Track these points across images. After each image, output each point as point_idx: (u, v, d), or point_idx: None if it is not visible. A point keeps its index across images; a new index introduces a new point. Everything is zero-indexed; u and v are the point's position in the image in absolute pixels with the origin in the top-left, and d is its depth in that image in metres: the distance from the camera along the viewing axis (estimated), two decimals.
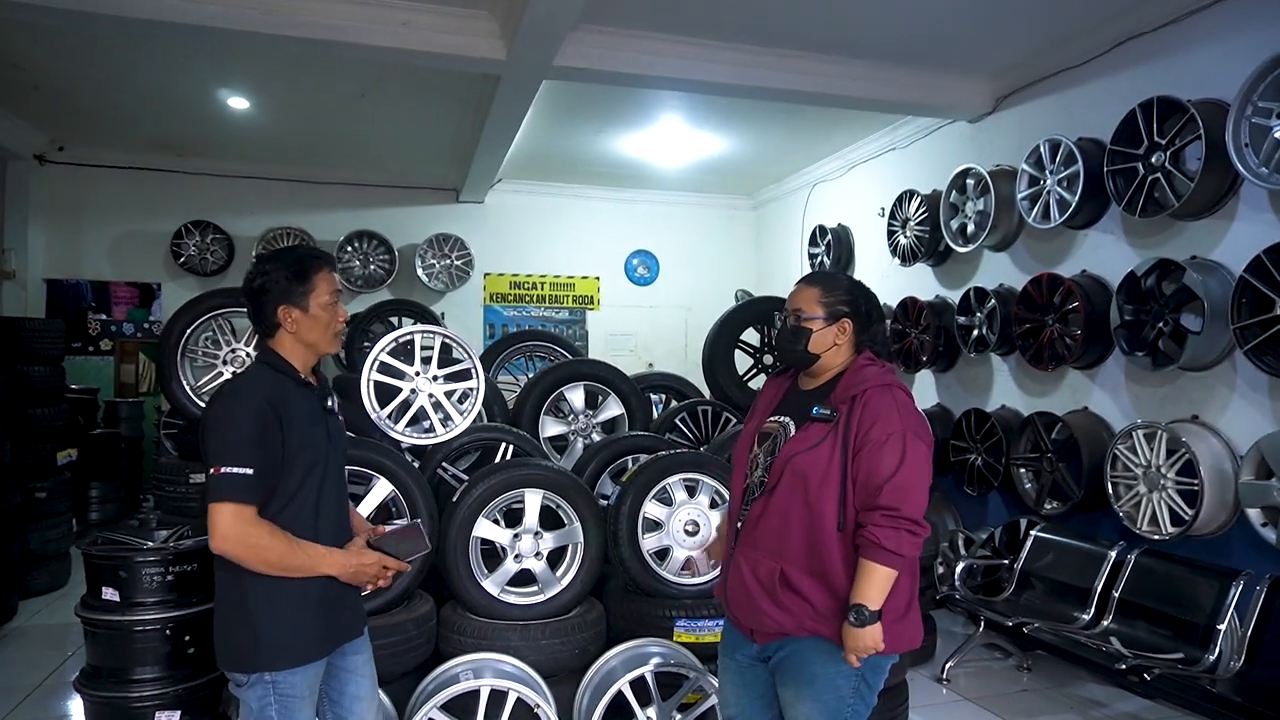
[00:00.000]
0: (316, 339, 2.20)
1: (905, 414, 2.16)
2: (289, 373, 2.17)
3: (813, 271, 2.50)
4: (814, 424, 2.22)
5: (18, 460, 5.55)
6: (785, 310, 2.39)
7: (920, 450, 2.13)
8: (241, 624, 2.09)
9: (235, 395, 2.08)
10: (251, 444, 2.00)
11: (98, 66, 5.80)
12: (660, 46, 5.08)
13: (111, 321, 7.99)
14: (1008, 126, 5.76)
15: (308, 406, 2.17)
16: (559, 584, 3.49)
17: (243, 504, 1.99)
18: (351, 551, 2.19)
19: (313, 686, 2.17)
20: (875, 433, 2.11)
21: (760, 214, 9.61)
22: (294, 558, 2.06)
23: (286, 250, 2.24)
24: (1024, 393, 5.50)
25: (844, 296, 2.33)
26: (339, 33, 4.57)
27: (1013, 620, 4.08)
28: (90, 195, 7.77)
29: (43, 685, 4.24)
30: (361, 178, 8.35)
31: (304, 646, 2.12)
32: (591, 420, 4.90)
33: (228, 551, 2.00)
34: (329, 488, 2.20)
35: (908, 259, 6.41)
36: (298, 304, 2.15)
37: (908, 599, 2.21)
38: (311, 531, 2.13)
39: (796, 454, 2.19)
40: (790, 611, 2.17)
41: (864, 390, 2.18)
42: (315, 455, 2.14)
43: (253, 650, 2.08)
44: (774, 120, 6.88)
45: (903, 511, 2.07)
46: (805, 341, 2.29)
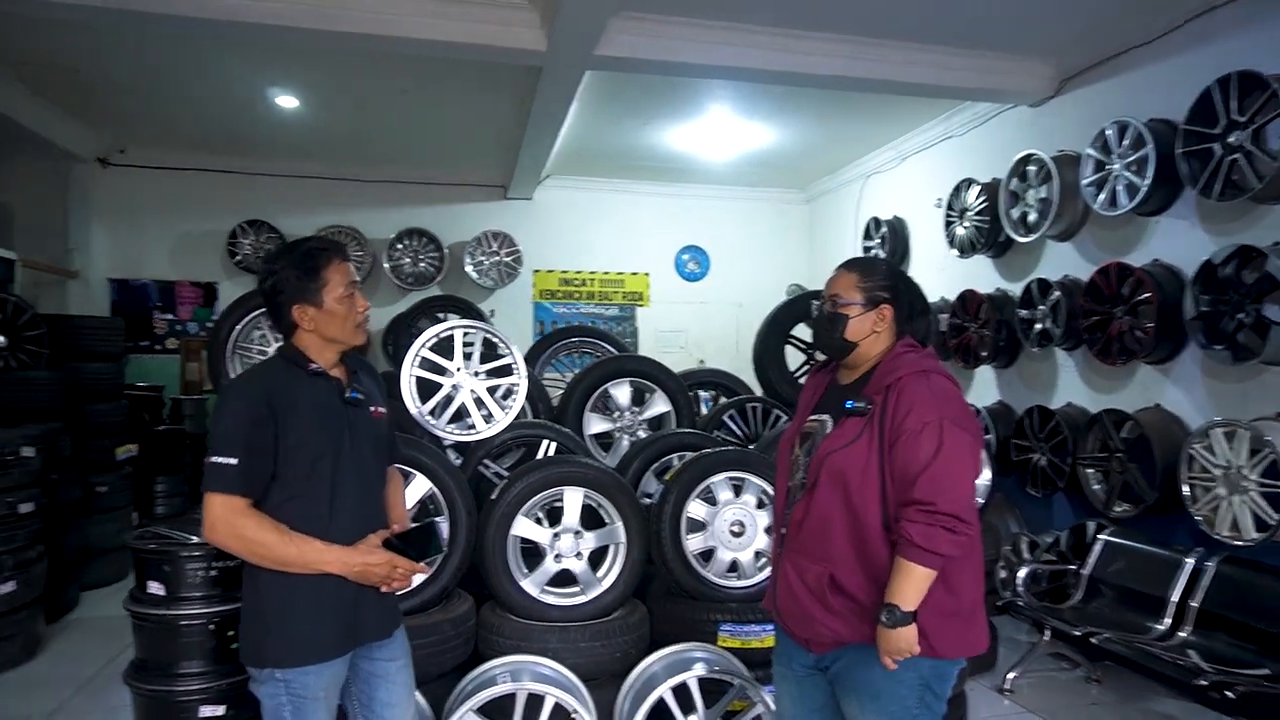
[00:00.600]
0: (336, 333, 2.14)
1: (943, 401, 2.03)
2: (300, 364, 2.12)
3: (852, 257, 2.34)
4: (849, 418, 2.10)
5: (78, 455, 5.68)
6: (822, 297, 2.27)
7: (960, 440, 1.98)
8: (254, 618, 2.07)
9: (231, 388, 2.08)
10: (239, 435, 1.98)
11: (152, 69, 5.90)
12: (705, 33, 4.95)
13: (177, 321, 8.16)
14: (1071, 110, 5.48)
15: (320, 399, 2.11)
16: (600, 585, 3.41)
17: (229, 494, 1.96)
18: (358, 549, 2.10)
19: (328, 687, 2.11)
20: (910, 422, 1.99)
21: (813, 207, 9.40)
22: (284, 551, 2.00)
23: (293, 245, 2.18)
24: (1091, 389, 5.23)
25: (883, 282, 2.21)
26: (379, 25, 4.54)
27: (1080, 629, 3.86)
28: (150, 196, 7.93)
29: (99, 675, 4.30)
30: (411, 175, 8.37)
31: (315, 645, 2.06)
32: (637, 417, 4.80)
33: (217, 541, 1.99)
34: (347, 481, 2.12)
35: (966, 250, 6.17)
36: (311, 301, 2.10)
37: (970, 599, 2.08)
38: (325, 526, 2.07)
39: (832, 452, 2.08)
40: (844, 617, 2.06)
41: (899, 378, 2.06)
42: (322, 448, 2.08)
43: (263, 645, 2.05)
44: (826, 109, 6.69)
45: (939, 506, 1.93)
46: (842, 328, 2.18)
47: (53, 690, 4.14)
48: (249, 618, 2.09)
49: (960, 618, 2.06)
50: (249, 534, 1.97)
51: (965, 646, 2.08)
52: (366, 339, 2.24)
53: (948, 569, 2.00)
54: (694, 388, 5.61)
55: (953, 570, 2.01)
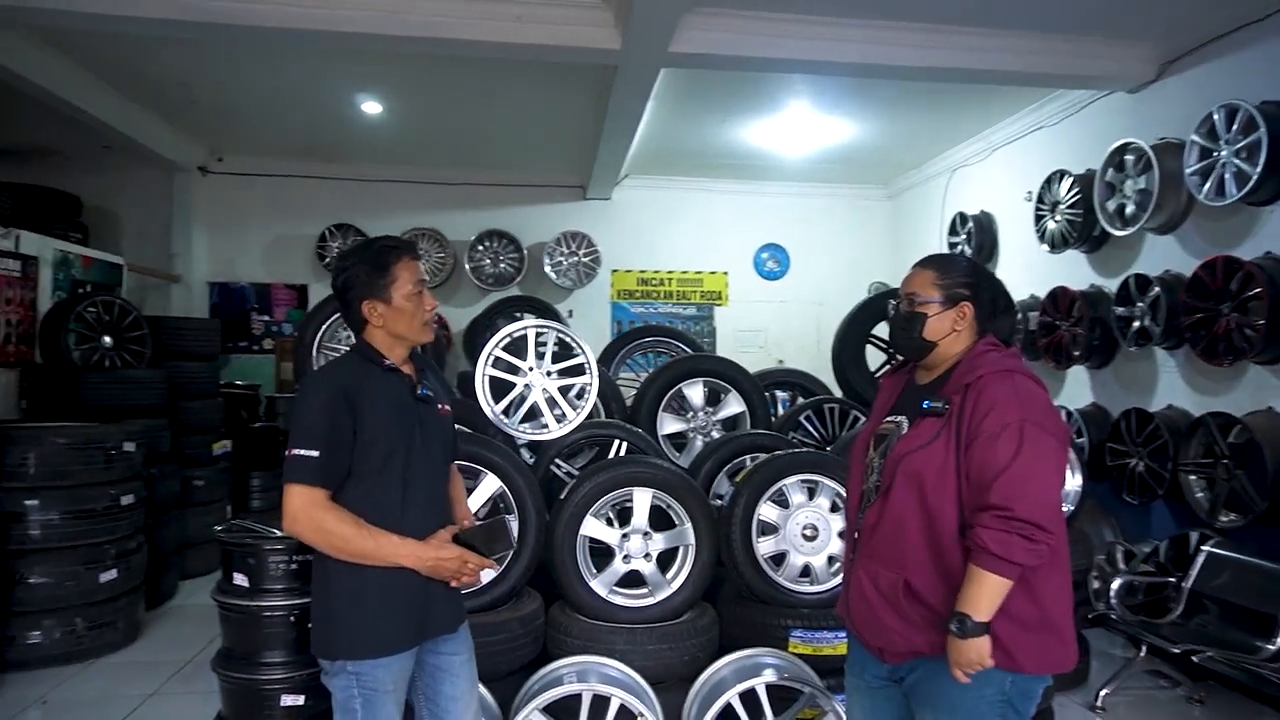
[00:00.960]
0: (404, 329, 2.16)
1: (1026, 402, 1.91)
2: (375, 360, 2.16)
3: (931, 255, 2.24)
4: (925, 419, 2.01)
5: (176, 450, 5.96)
6: (899, 296, 2.18)
7: (1044, 443, 1.88)
8: (326, 611, 2.10)
9: (311, 382, 2.11)
10: (319, 428, 2.00)
11: (247, 81, 6.16)
12: (781, 27, 4.86)
13: (273, 322, 8.49)
14: (1174, 95, 5.17)
15: (393, 394, 2.15)
16: (669, 587, 3.37)
17: (310, 486, 1.99)
18: (431, 544, 2.12)
19: (398, 681, 2.13)
20: (989, 423, 1.88)
21: (896, 203, 9.15)
22: (361, 543, 2.01)
23: (365, 243, 2.20)
24: (1194, 391, 4.92)
25: (963, 279, 2.10)
26: (455, 30, 4.62)
27: (1180, 646, 3.63)
28: (245, 202, 8.29)
29: (193, 661, 4.48)
30: (491, 177, 8.51)
31: (386, 638, 2.08)
32: (711, 418, 4.75)
33: (296, 532, 2.02)
34: (417, 476, 2.15)
35: (1058, 245, 5.89)
36: (380, 297, 2.13)
37: (1057, 612, 1.96)
38: (397, 520, 2.09)
39: (908, 453, 1.99)
40: (919, 626, 1.97)
41: (979, 377, 1.96)
42: (395, 443, 2.10)
43: (334, 638, 2.08)
44: (909, 102, 6.49)
45: (1016, 512, 1.82)
46: (920, 328, 2.08)
47: (151, 674, 4.34)
48: (320, 611, 2.13)
49: (1045, 631, 1.94)
50: (329, 526, 2.00)
51: (1051, 662, 1.96)
52: (433, 337, 2.26)
53: (1031, 578, 1.89)
54: (771, 388, 5.52)
55: (1037, 580, 1.91)
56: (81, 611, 4.46)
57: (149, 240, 7.98)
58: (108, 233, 7.86)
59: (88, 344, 5.48)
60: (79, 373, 5.33)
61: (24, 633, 4.32)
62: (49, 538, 4.37)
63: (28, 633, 4.33)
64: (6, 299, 5.35)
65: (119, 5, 4.42)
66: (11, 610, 4.29)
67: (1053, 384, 6.20)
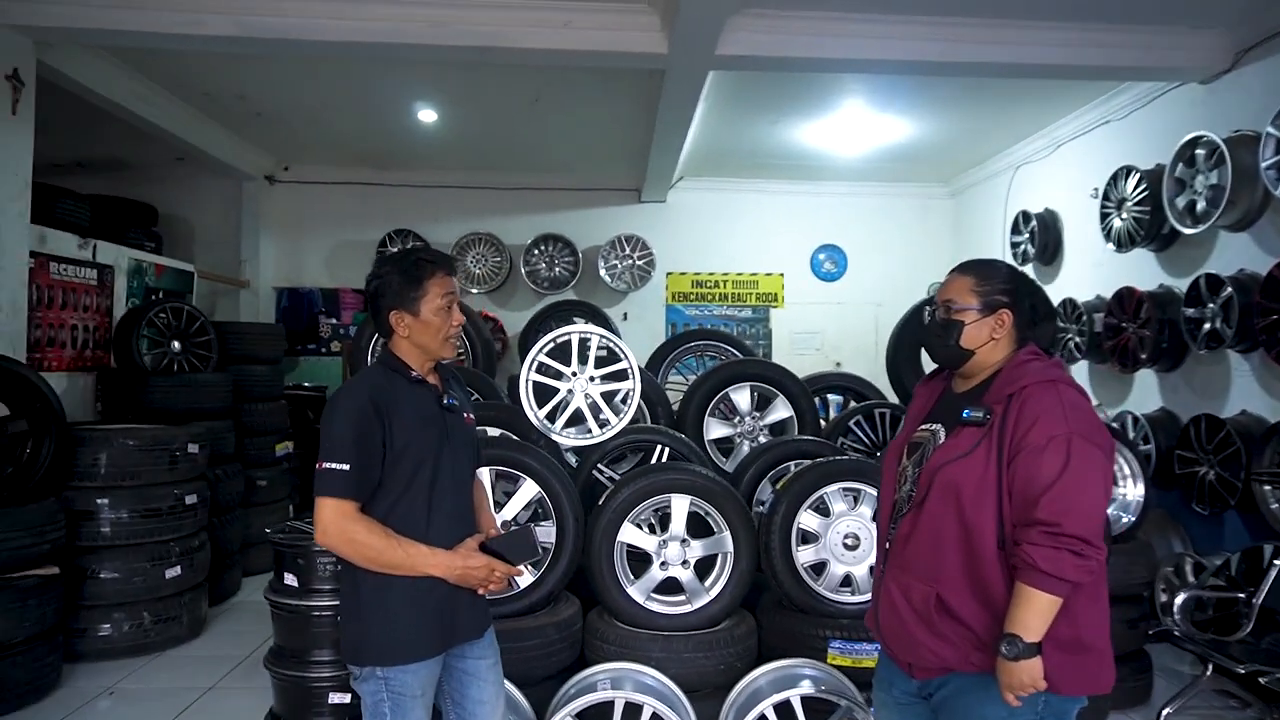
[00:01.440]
0: (428, 343, 2.19)
1: (1073, 414, 1.86)
2: (402, 371, 2.19)
3: (969, 260, 2.18)
4: (965, 428, 1.95)
5: (240, 451, 6.17)
6: (935, 303, 2.12)
7: (1092, 456, 1.82)
8: (355, 618, 2.13)
9: (341, 394, 2.12)
10: (349, 441, 2.03)
11: (308, 91, 6.34)
12: (830, 26, 4.78)
13: (340, 325, 8.71)
14: (1249, 85, 4.92)
15: (421, 405, 2.18)
16: (707, 595, 3.35)
17: (342, 499, 2.02)
18: (459, 553, 2.14)
19: (426, 686, 2.16)
20: (1034, 436, 1.83)
21: (958, 202, 8.92)
22: (392, 555, 2.04)
23: (403, 253, 2.23)
24: (1270, 396, 4.67)
25: (1002, 285, 2.04)
26: (503, 39, 4.67)
27: (1246, 667, 3.45)
28: (310, 210, 8.54)
29: (252, 656, 4.63)
30: (547, 182, 8.58)
31: (415, 644, 2.12)
32: (758, 422, 4.71)
33: (329, 545, 2.05)
34: (443, 486, 2.18)
35: (1124, 244, 5.66)
36: (409, 309, 2.15)
37: (1094, 631, 1.91)
38: (423, 530, 2.12)
39: (946, 463, 1.93)
40: (951, 641, 1.92)
41: (1023, 387, 1.90)
42: (423, 454, 2.13)
43: (364, 644, 2.11)
44: (968, 99, 6.32)
45: (1065, 528, 1.77)
46: (957, 336, 2.02)
47: (211, 668, 4.50)
48: (350, 618, 2.16)
49: (1082, 650, 1.88)
50: (360, 538, 2.03)
51: (1087, 683, 1.90)
52: (455, 354, 2.29)
53: (1075, 599, 1.84)
54: (823, 392, 5.44)
55: (1075, 598, 1.84)
56: (148, 606, 4.65)
57: (219, 248, 8.27)
58: (180, 241, 8.18)
59: (158, 349, 5.72)
60: (149, 376, 5.56)
61: (94, 625, 4.53)
62: (118, 535, 4.57)
63: (98, 625, 4.53)
64: (84, 306, 5.61)
65: (185, 25, 4.59)
66: (83, 604, 4.50)
67: (1119, 388, 5.96)
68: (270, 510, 6.41)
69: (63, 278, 5.39)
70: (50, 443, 4.25)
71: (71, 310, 5.47)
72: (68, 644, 4.37)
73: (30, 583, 4.00)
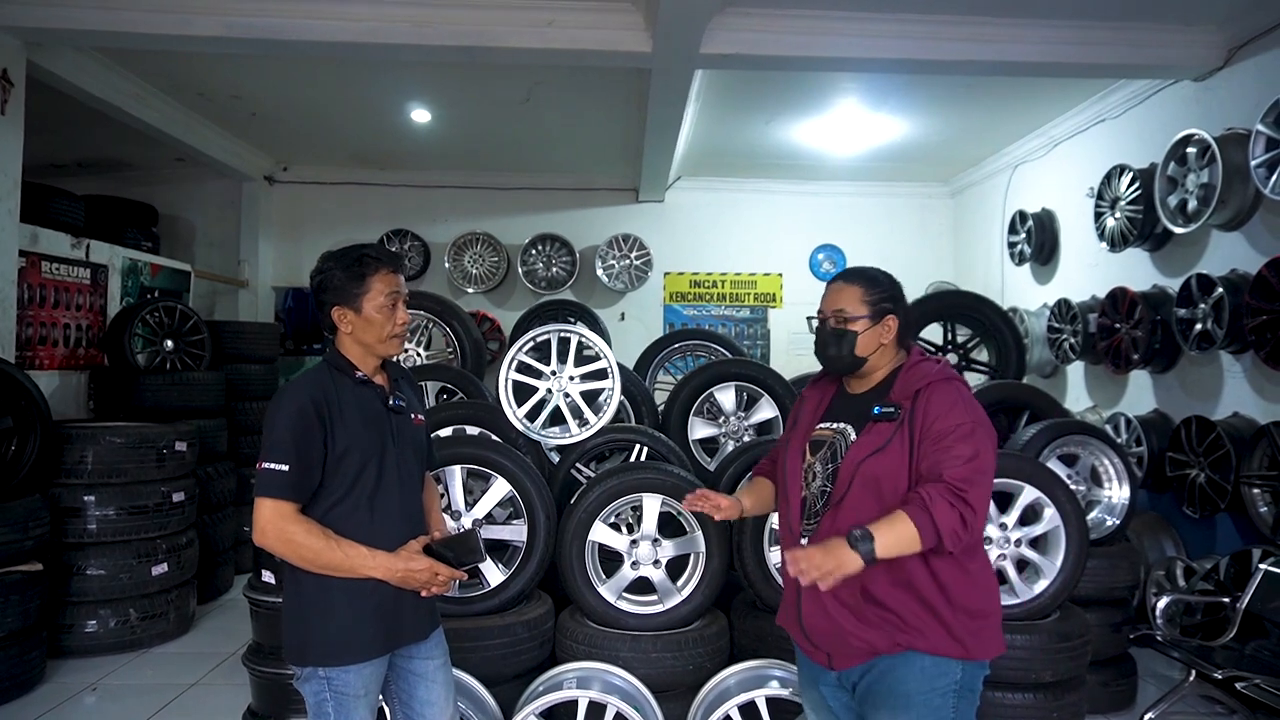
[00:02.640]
0: (371, 341, 2.17)
1: (971, 408, 2.05)
2: (347, 371, 2.17)
3: (848, 269, 2.28)
4: (878, 424, 2.07)
5: (233, 449, 6.20)
6: (823, 312, 2.21)
7: (991, 445, 2.02)
8: (297, 618, 2.12)
9: (284, 394, 2.10)
10: (289, 442, 2.02)
11: (302, 92, 6.36)
12: (816, 24, 4.76)
13: None
14: (1242, 82, 4.86)
15: (365, 405, 2.16)
16: (678, 595, 3.34)
17: (280, 499, 2.01)
18: (400, 555, 2.13)
19: (369, 686, 2.15)
20: (943, 425, 1.99)
21: (957, 201, 8.86)
22: (330, 556, 2.04)
23: (348, 249, 2.21)
24: (1261, 398, 4.61)
25: (887, 293, 2.18)
26: (487, 38, 4.67)
27: (1223, 672, 3.40)
28: (309, 210, 8.57)
29: (235, 654, 4.64)
30: (543, 182, 8.58)
31: (357, 645, 2.11)
32: (743, 422, 4.69)
33: (267, 545, 2.04)
34: (388, 488, 2.17)
35: (1117, 243, 5.61)
36: (351, 305, 2.14)
37: (994, 599, 2.11)
38: (366, 532, 2.11)
39: (864, 459, 2.04)
40: (877, 627, 2.03)
41: (927, 384, 2.06)
42: (367, 455, 2.12)
43: (306, 645, 2.10)
44: (963, 97, 6.27)
45: (969, 496, 1.92)
46: (851, 345, 2.14)
47: (196, 664, 4.53)
48: (292, 618, 2.15)
49: (987, 618, 2.06)
50: (298, 539, 2.02)
51: (992, 648, 2.06)
52: (400, 350, 2.28)
53: (977, 571, 2.05)
54: None
55: (977, 568, 2.05)
56: (134, 603, 4.69)
57: (218, 247, 8.33)
58: (180, 241, 8.24)
59: (151, 348, 5.76)
60: (141, 375, 5.60)
61: (81, 621, 4.57)
62: (104, 532, 4.61)
63: (84, 621, 4.57)
64: (77, 305, 5.66)
65: (173, 25, 4.62)
66: (69, 600, 4.54)
67: (1113, 389, 5.91)
68: None
69: (55, 277, 5.43)
70: (35, 440, 4.29)
71: (64, 309, 5.52)
72: (54, 639, 4.41)
73: (14, 578, 4.04)
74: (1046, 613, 3.38)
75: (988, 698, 3.25)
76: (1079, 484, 4.09)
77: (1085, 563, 3.40)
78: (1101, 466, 4.15)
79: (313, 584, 2.09)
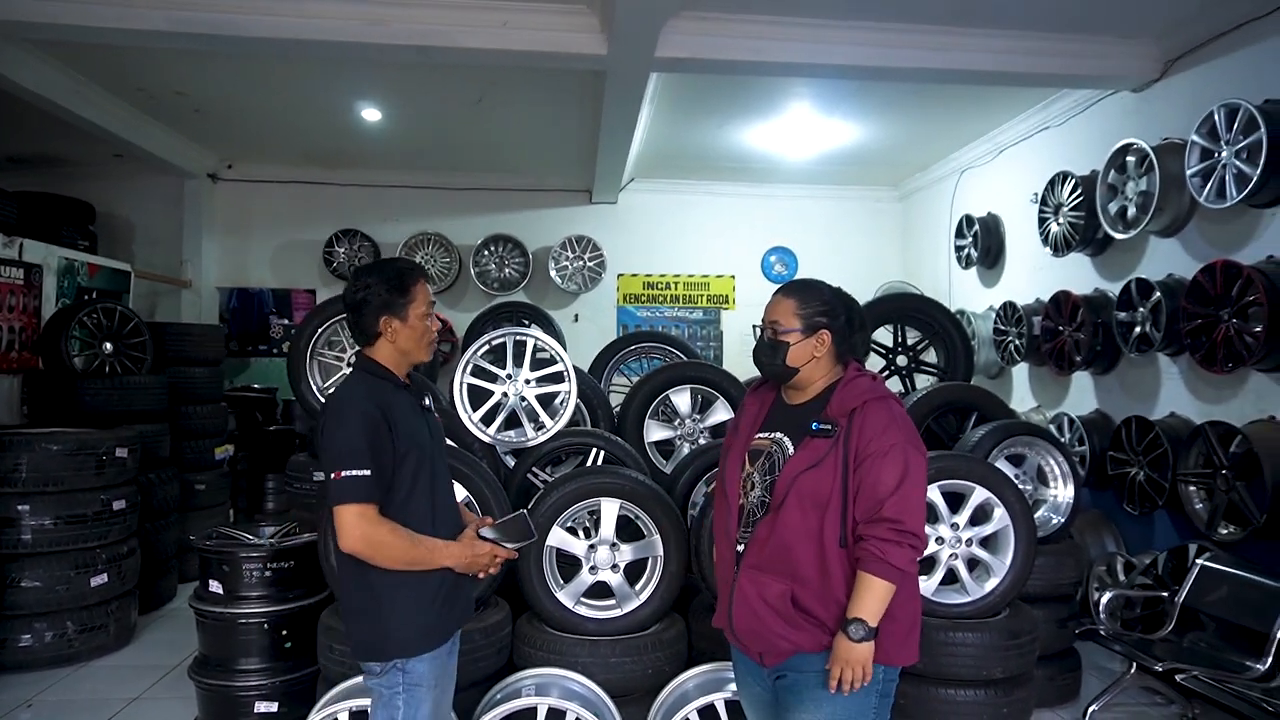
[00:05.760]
0: (412, 347, 2.29)
1: (903, 426, 2.14)
2: (388, 377, 2.27)
3: (791, 281, 2.39)
4: (814, 440, 2.16)
5: (177, 455, 6.03)
6: (762, 323, 2.31)
7: (920, 463, 2.12)
8: (370, 616, 2.19)
9: (348, 402, 2.17)
10: (364, 447, 2.10)
11: (250, 89, 6.21)
12: (770, 29, 4.80)
13: (292, 325, 8.54)
14: (1178, 94, 5.03)
15: (409, 409, 2.27)
16: (636, 599, 3.34)
17: (365, 504, 2.09)
18: (465, 543, 2.27)
19: (439, 675, 2.26)
20: (876, 445, 2.08)
21: (906, 205, 9.02)
22: (416, 552, 2.15)
23: (385, 263, 2.35)
24: (1197, 399, 4.78)
25: (821, 307, 2.25)
26: (441, 38, 4.62)
27: (1163, 665, 3.52)
28: (255, 209, 8.38)
29: (179, 666, 4.50)
30: (496, 182, 8.50)
31: (430, 634, 2.21)
32: (699, 425, 4.70)
33: (357, 551, 2.10)
34: (439, 481, 2.30)
35: (1060, 249, 5.76)
36: (398, 314, 2.24)
37: (914, 605, 2.20)
38: (429, 525, 2.22)
39: (801, 472, 2.13)
40: (803, 629, 2.13)
41: (863, 403, 2.14)
42: (422, 453, 2.24)
43: (384, 639, 2.18)
44: (913, 104, 6.38)
45: (906, 525, 2.05)
46: (783, 356, 2.23)
47: (138, 678, 4.40)
48: (364, 616, 2.20)
49: (913, 629, 2.17)
50: (386, 539, 2.10)
51: (910, 652, 2.18)
52: (432, 357, 2.40)
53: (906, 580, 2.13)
54: None
55: (907, 584, 2.12)
56: (72, 615, 4.53)
57: (160, 247, 8.09)
58: (119, 239, 7.99)
59: (89, 350, 5.57)
60: (79, 379, 5.41)
61: (15, 635, 4.40)
62: (40, 542, 4.44)
63: (19, 635, 4.40)
64: (9, 306, 5.45)
65: (112, 18, 4.48)
66: (2, 613, 4.37)
67: (1056, 390, 6.07)
68: (210, 515, 6.27)
69: None
70: None
71: None
72: None
73: None
74: (997, 610, 3.46)
75: (940, 695, 3.31)
76: (1026, 483, 4.19)
77: (1033, 561, 3.48)
78: (1047, 466, 4.26)
79: (384, 580, 2.15)
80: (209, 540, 3.84)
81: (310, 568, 3.72)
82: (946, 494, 3.51)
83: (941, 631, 3.31)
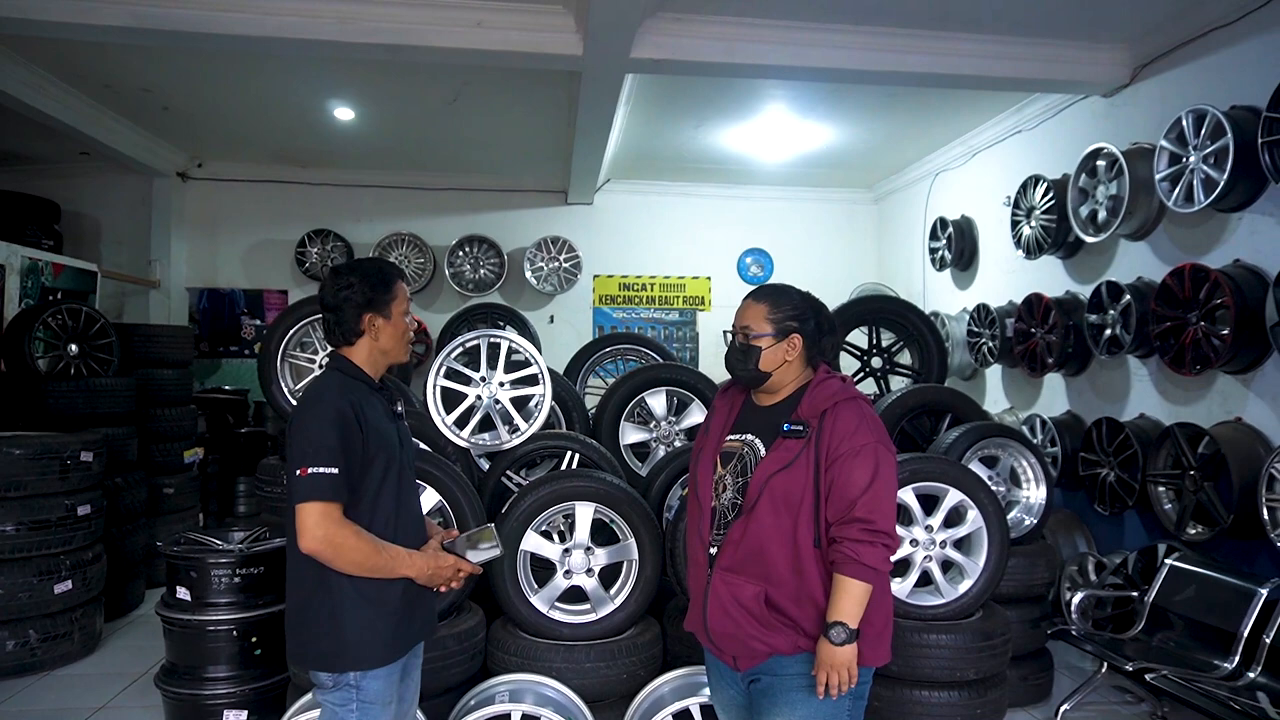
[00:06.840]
0: (393, 346, 2.28)
1: (874, 427, 2.16)
2: (362, 378, 2.23)
3: (761, 286, 2.40)
4: (786, 441, 2.17)
5: (145, 458, 5.93)
6: (734, 327, 2.32)
7: (891, 463, 2.14)
8: (328, 624, 2.10)
9: (316, 402, 2.11)
10: (334, 445, 2.05)
11: (220, 87, 6.11)
12: (746, 32, 4.80)
13: (264, 326, 8.41)
14: (1148, 99, 5.09)
15: (380, 412, 2.23)
16: (611, 603, 3.32)
17: (329, 503, 2.03)
18: (429, 554, 2.21)
19: (392, 692, 2.19)
20: (847, 446, 2.10)
21: (881, 207, 9.07)
22: (378, 559, 2.08)
23: (364, 261, 2.33)
24: (1166, 400, 4.84)
25: (792, 312, 2.27)
26: (414, 37, 4.57)
27: (1133, 664, 3.55)
28: (225, 208, 8.26)
29: (146, 674, 4.43)
30: (471, 183, 8.44)
31: (386, 648, 2.14)
32: (674, 427, 4.70)
33: (315, 551, 2.03)
34: (405, 489, 2.25)
35: (1033, 251, 5.81)
36: (381, 311, 2.23)
37: (888, 607, 2.21)
38: (392, 532, 2.17)
39: (773, 474, 2.13)
40: (778, 630, 2.14)
41: (834, 405, 2.16)
42: (390, 457, 2.19)
43: (339, 650, 2.10)
44: (888, 106, 6.42)
45: (878, 525, 2.07)
46: (755, 360, 2.25)
47: (103, 686, 4.31)
48: (321, 625, 2.11)
49: (885, 630, 2.19)
50: (349, 542, 2.04)
51: (883, 653, 2.19)
52: (409, 357, 2.38)
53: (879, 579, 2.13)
54: None
55: (881, 580, 2.13)
56: (35, 623, 4.42)
57: (128, 246, 7.95)
58: (85, 239, 7.85)
59: (53, 352, 5.45)
60: (43, 381, 5.30)
61: None
62: (2, 549, 4.33)
63: None
64: None
65: (74, 13, 4.38)
66: None
67: (1029, 392, 6.12)
68: (178, 519, 6.17)
69: None
70: None
71: None
72: None
73: None
74: (970, 612, 3.47)
75: (914, 697, 3.32)
76: (999, 485, 4.22)
77: (1007, 562, 3.51)
78: (1020, 468, 4.29)
79: (348, 588, 2.09)
80: (176, 546, 3.77)
81: (281, 573, 3.65)
82: (921, 496, 3.52)
83: (916, 633, 3.33)
